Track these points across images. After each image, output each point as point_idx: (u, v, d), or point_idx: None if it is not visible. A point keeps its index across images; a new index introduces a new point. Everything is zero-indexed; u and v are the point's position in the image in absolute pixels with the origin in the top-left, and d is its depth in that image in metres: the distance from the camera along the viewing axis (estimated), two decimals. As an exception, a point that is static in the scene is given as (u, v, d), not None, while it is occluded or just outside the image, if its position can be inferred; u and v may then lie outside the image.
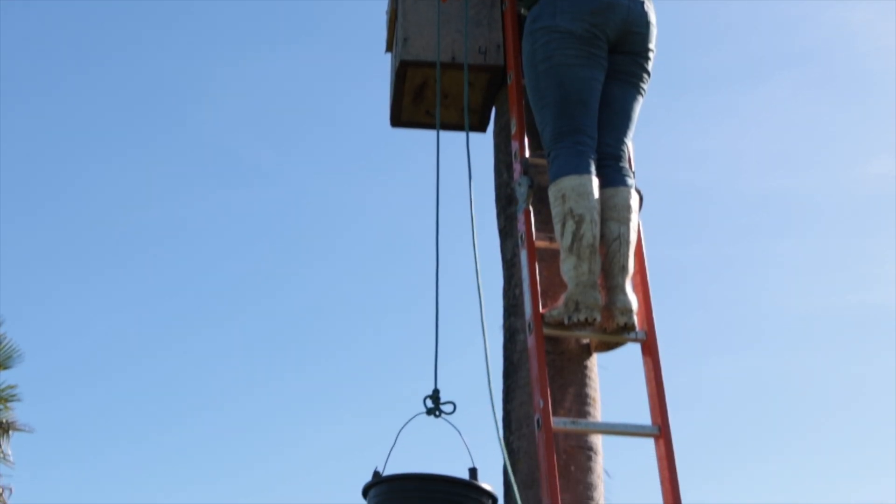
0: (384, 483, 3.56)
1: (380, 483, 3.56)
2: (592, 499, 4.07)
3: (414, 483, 3.52)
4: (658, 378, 4.16)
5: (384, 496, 3.54)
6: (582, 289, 4.08)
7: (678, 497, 3.98)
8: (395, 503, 3.52)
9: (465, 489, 3.53)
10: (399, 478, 3.55)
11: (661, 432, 4.08)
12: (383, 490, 3.55)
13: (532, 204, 4.33)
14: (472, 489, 3.54)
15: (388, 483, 3.55)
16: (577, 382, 4.23)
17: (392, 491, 3.54)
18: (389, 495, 3.53)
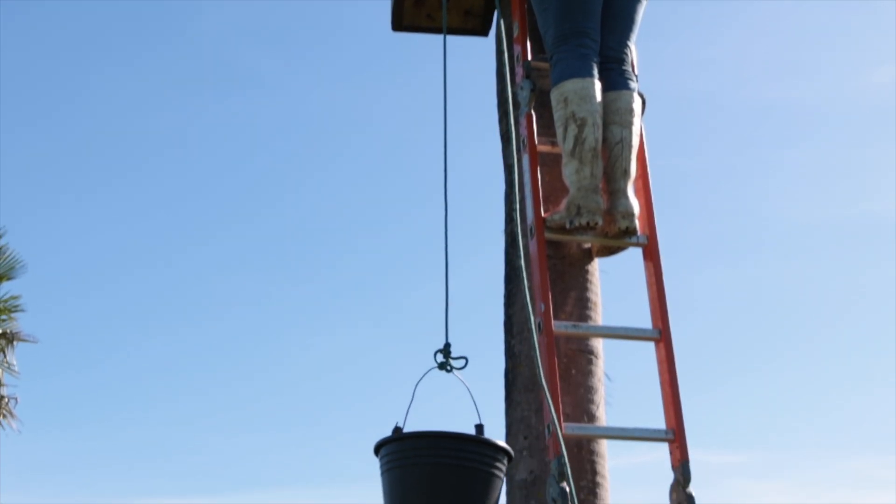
0: (395, 442, 3.45)
1: (391, 442, 3.46)
2: (593, 402, 4.10)
3: (426, 441, 3.39)
4: (659, 282, 4.17)
5: (396, 454, 3.43)
6: (584, 193, 4.07)
7: (678, 400, 4.01)
8: (407, 462, 3.40)
9: (478, 446, 3.41)
10: (411, 436, 3.43)
11: (661, 336, 4.10)
12: (395, 449, 3.44)
13: (534, 108, 4.31)
14: (487, 446, 3.42)
15: (399, 442, 3.44)
16: (579, 287, 4.24)
17: (404, 450, 3.42)
18: (402, 454, 3.42)
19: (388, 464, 3.40)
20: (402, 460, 3.37)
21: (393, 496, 3.37)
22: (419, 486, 3.32)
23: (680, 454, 3.91)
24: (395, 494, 3.36)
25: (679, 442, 3.93)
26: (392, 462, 3.39)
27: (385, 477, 3.41)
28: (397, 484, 3.37)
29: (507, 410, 4.16)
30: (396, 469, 3.38)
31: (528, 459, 3.99)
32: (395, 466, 3.38)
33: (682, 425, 3.96)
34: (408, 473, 3.35)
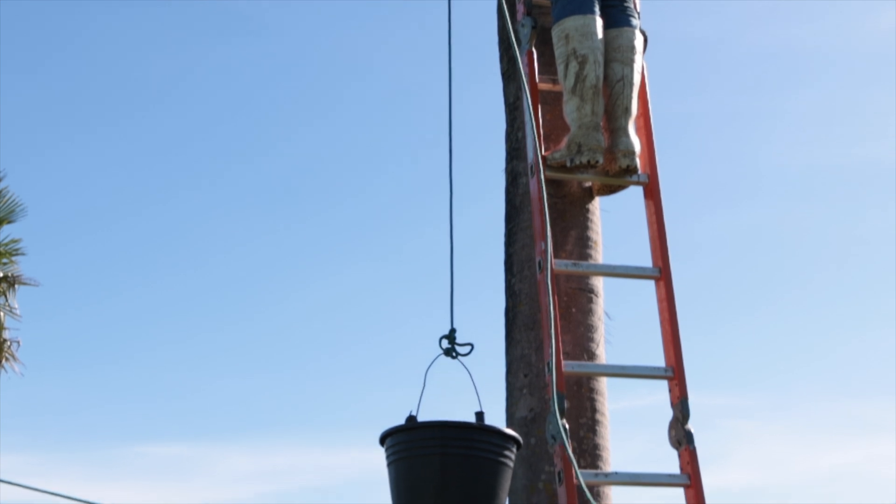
0: (402, 432, 3.33)
1: (398, 432, 3.33)
2: (593, 340, 4.11)
3: (434, 431, 3.28)
4: (660, 221, 4.17)
5: (403, 445, 3.32)
6: (584, 131, 4.05)
7: (677, 338, 4.02)
8: (415, 452, 3.29)
9: (487, 435, 3.30)
10: (418, 426, 3.31)
11: (661, 274, 4.11)
12: (402, 439, 3.32)
13: (535, 45, 4.27)
14: (496, 435, 3.32)
15: (406, 432, 3.32)
16: (579, 225, 4.23)
17: (411, 440, 3.30)
18: (409, 444, 3.31)
19: (395, 454, 3.32)
20: (409, 451, 3.29)
21: (400, 487, 3.29)
22: (427, 476, 3.23)
23: (679, 391, 3.93)
24: (402, 485, 3.28)
25: (678, 379, 3.94)
26: (399, 452, 3.31)
27: (392, 468, 3.33)
28: (404, 475, 3.28)
29: (507, 349, 4.17)
30: (403, 460, 3.29)
31: (527, 397, 4.00)
32: (403, 457, 3.29)
33: (681, 363, 3.97)
34: (415, 464, 3.26)
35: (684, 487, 3.85)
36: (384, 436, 3.33)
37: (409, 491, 3.25)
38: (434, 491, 3.19)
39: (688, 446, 3.85)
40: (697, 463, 3.84)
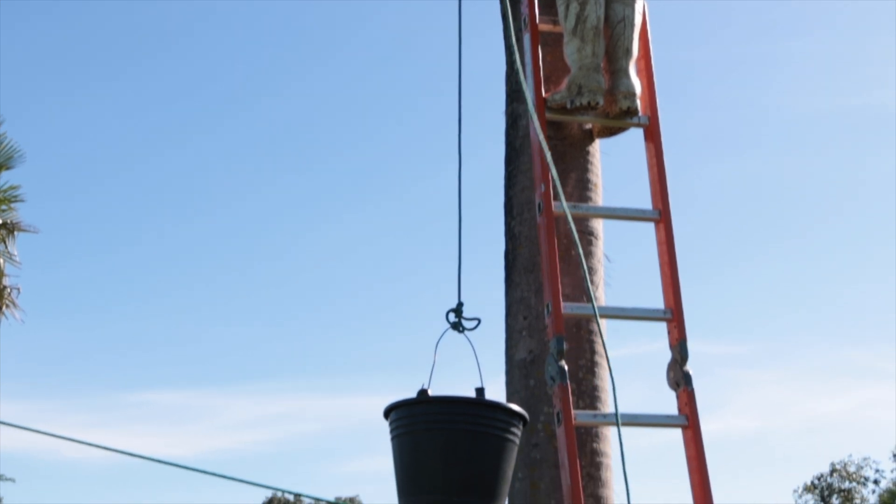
0: (407, 406, 3.27)
1: (402, 406, 3.28)
2: (592, 282, 4.11)
3: (440, 406, 3.23)
4: (660, 163, 4.16)
5: (408, 419, 3.27)
6: (585, 72, 4.03)
7: (676, 280, 4.02)
8: (420, 427, 3.24)
9: (493, 411, 3.25)
10: (424, 401, 3.25)
11: (661, 217, 4.10)
12: (407, 413, 3.27)
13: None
14: (502, 411, 3.26)
15: (411, 406, 3.26)
16: (579, 168, 4.22)
17: (415, 415, 3.25)
18: (413, 419, 3.25)
19: (400, 429, 3.27)
20: (413, 426, 3.24)
21: (404, 461, 3.25)
22: (432, 452, 3.18)
23: (678, 333, 3.94)
24: (406, 460, 3.24)
25: (677, 321, 3.95)
26: (404, 427, 3.27)
27: (396, 442, 3.29)
28: (409, 449, 3.24)
29: (506, 291, 4.18)
30: (408, 434, 3.25)
31: (527, 339, 4.02)
32: (407, 432, 3.25)
33: (680, 305, 3.98)
34: (420, 439, 3.22)
35: (682, 428, 3.86)
36: (388, 409, 3.30)
37: (413, 466, 3.22)
38: (439, 466, 3.16)
39: (686, 387, 3.87)
40: (695, 404, 3.86)
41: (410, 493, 3.23)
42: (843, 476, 53.64)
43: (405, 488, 3.25)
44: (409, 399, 3.25)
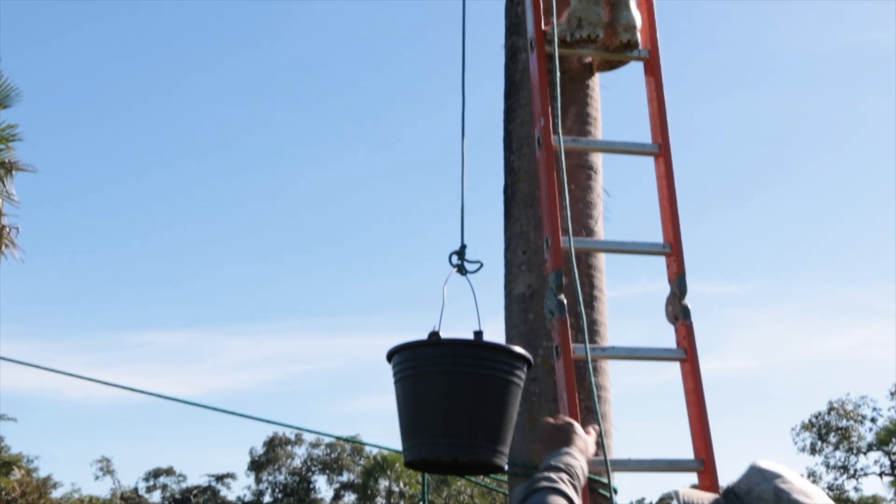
0: (411, 349, 3.25)
1: (406, 349, 3.26)
2: (592, 217, 4.11)
3: (444, 349, 3.19)
4: (660, 97, 4.14)
5: (411, 362, 3.24)
6: (585, 4, 4.00)
7: (676, 214, 4.02)
8: (422, 370, 3.21)
9: (497, 353, 3.23)
10: (427, 343, 3.22)
11: (661, 151, 4.09)
12: (410, 356, 3.25)
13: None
14: (506, 353, 3.24)
15: (414, 349, 3.24)
16: (579, 102, 4.20)
17: (417, 358, 3.23)
18: (415, 362, 3.23)
19: (403, 372, 3.25)
20: (418, 368, 3.22)
21: (407, 405, 3.24)
22: (436, 395, 3.16)
23: (676, 267, 3.94)
24: (409, 403, 3.23)
25: (676, 255, 3.95)
26: (407, 370, 3.25)
27: (399, 385, 3.27)
28: (412, 392, 3.23)
29: (506, 226, 4.17)
30: (411, 377, 3.23)
31: (526, 274, 4.02)
32: (410, 375, 3.23)
33: (679, 239, 3.97)
34: (423, 381, 3.20)
35: (680, 362, 3.88)
36: (392, 352, 3.28)
37: (416, 409, 3.21)
38: (443, 410, 3.14)
39: (684, 321, 3.88)
40: (694, 338, 3.87)
41: (414, 437, 3.22)
42: (841, 414, 54.01)
43: (409, 432, 3.24)
44: (413, 342, 3.24)
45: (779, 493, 2.27)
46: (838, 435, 53.98)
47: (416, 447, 3.22)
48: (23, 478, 39.41)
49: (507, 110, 4.28)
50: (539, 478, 2.70)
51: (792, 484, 2.29)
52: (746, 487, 2.32)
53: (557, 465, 2.75)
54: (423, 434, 3.20)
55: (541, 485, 2.67)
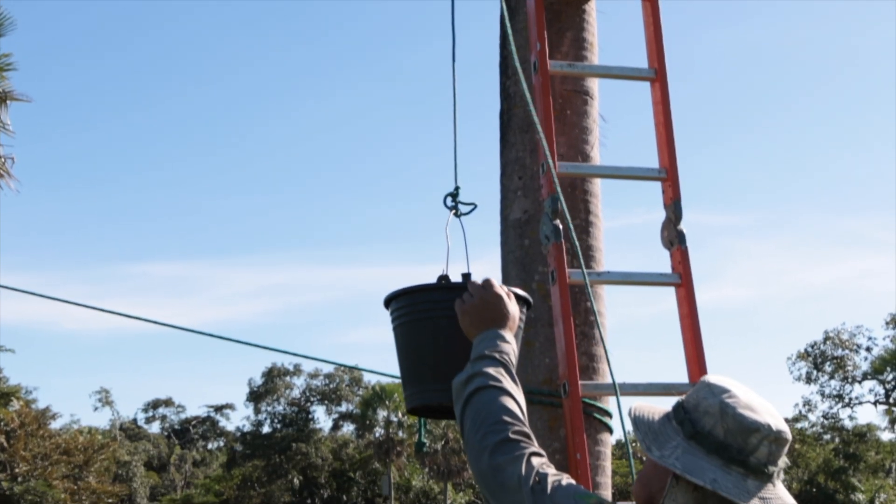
0: (406, 295, 3.21)
1: (401, 295, 3.22)
2: (587, 142, 4.11)
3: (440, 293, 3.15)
4: (656, 21, 4.12)
5: (407, 308, 3.21)
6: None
7: (672, 140, 4.02)
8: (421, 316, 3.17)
9: None
10: (424, 288, 3.18)
11: (657, 76, 4.08)
12: (406, 303, 3.22)
13: None
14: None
15: (409, 295, 3.20)
16: (575, 27, 4.18)
17: (415, 304, 3.19)
18: (412, 308, 3.19)
19: (402, 318, 3.23)
20: (415, 314, 3.19)
21: (408, 351, 3.22)
22: (434, 340, 3.13)
23: (672, 192, 3.94)
24: (409, 350, 3.22)
25: (671, 181, 3.96)
26: (406, 315, 3.22)
27: (398, 331, 3.26)
28: (411, 339, 3.21)
29: (501, 152, 4.17)
30: (409, 323, 3.21)
31: (522, 199, 4.02)
32: (410, 321, 3.20)
33: (674, 164, 3.98)
34: (423, 327, 3.17)
35: (675, 287, 3.90)
36: (389, 298, 3.26)
37: (412, 356, 3.20)
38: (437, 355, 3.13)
39: (680, 246, 3.89)
40: (689, 263, 3.89)
41: (414, 384, 3.21)
42: (836, 344, 54.32)
43: (407, 380, 3.23)
44: (410, 287, 3.21)
45: (724, 407, 2.30)
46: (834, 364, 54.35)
47: (416, 395, 3.21)
48: (21, 409, 39.70)
49: (503, 35, 4.25)
50: (480, 372, 2.68)
51: (738, 399, 2.32)
52: (695, 401, 2.36)
53: (494, 356, 2.73)
54: (421, 381, 3.19)
55: (487, 383, 2.64)
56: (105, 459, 45.45)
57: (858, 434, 57.76)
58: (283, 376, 72.24)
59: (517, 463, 2.47)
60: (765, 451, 2.27)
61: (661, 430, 2.37)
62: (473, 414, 2.59)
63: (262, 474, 68.37)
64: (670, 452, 2.30)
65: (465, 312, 2.88)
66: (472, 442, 2.54)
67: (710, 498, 2.26)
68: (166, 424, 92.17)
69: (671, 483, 2.29)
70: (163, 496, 73.75)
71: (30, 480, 38.00)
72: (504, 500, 2.46)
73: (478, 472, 2.53)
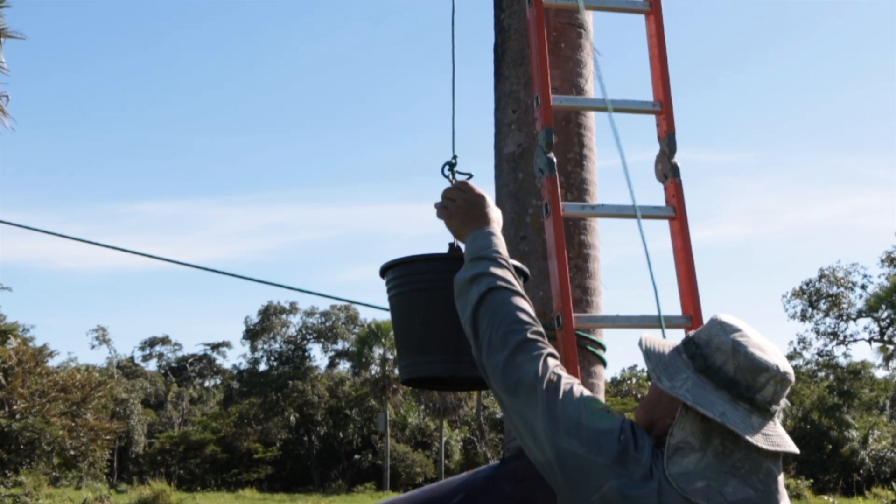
0: (401, 266, 3.19)
1: (396, 265, 3.20)
2: (581, 76, 4.10)
3: (435, 264, 3.14)
4: (651, -47, 4.08)
5: (402, 279, 3.18)
6: None
7: (666, 72, 4.00)
8: (417, 287, 3.15)
9: None
10: (419, 259, 3.16)
11: (652, 8, 4.04)
12: (400, 273, 3.19)
13: None
14: None
15: (405, 265, 3.19)
16: (570, -41, 4.14)
17: (410, 274, 3.17)
18: (407, 278, 3.17)
19: (397, 288, 3.21)
20: (412, 284, 3.17)
21: (399, 323, 3.20)
22: (431, 311, 3.11)
23: (666, 125, 3.94)
24: (400, 321, 3.19)
25: (666, 114, 3.95)
26: (395, 287, 3.20)
27: (391, 302, 3.24)
28: (402, 310, 3.18)
29: (496, 85, 4.16)
30: (399, 295, 3.19)
31: (516, 133, 4.02)
32: (399, 292, 3.19)
33: (669, 97, 3.96)
34: (411, 299, 3.16)
35: (669, 220, 3.90)
36: (385, 268, 3.25)
37: (406, 327, 3.18)
38: (429, 327, 3.11)
39: (674, 179, 3.89)
40: (682, 196, 3.89)
41: (410, 354, 3.20)
42: (832, 281, 54.53)
43: (405, 349, 3.21)
44: (404, 258, 3.20)
45: (736, 345, 2.38)
46: (829, 302, 54.58)
47: (409, 367, 3.19)
48: (19, 346, 39.86)
49: (497, -32, 4.22)
50: (487, 272, 2.73)
51: (750, 338, 2.40)
52: (707, 337, 2.44)
53: (496, 259, 2.79)
54: (414, 353, 3.17)
55: (497, 283, 2.71)
56: (102, 397, 45.75)
57: (853, 371, 58.21)
58: (280, 314, 72.54)
59: (535, 361, 2.55)
60: (770, 391, 2.36)
61: (671, 362, 2.45)
62: (491, 313, 2.64)
63: (258, 412, 68.91)
64: (681, 384, 2.38)
65: (451, 216, 2.92)
66: (493, 340, 2.60)
67: (716, 430, 2.33)
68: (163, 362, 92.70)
69: (680, 413, 2.36)
70: (160, 433, 74.34)
71: (28, 417, 38.26)
72: (518, 395, 2.52)
73: (493, 370, 2.59)
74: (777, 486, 2.37)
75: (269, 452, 67.78)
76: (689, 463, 2.33)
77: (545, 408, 2.47)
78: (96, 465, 46.80)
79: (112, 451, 53.49)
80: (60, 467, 42.50)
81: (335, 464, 66.56)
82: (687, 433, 2.35)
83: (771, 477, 2.36)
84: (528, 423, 2.48)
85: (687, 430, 2.35)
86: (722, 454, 2.33)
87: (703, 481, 2.31)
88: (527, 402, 2.50)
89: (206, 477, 67.03)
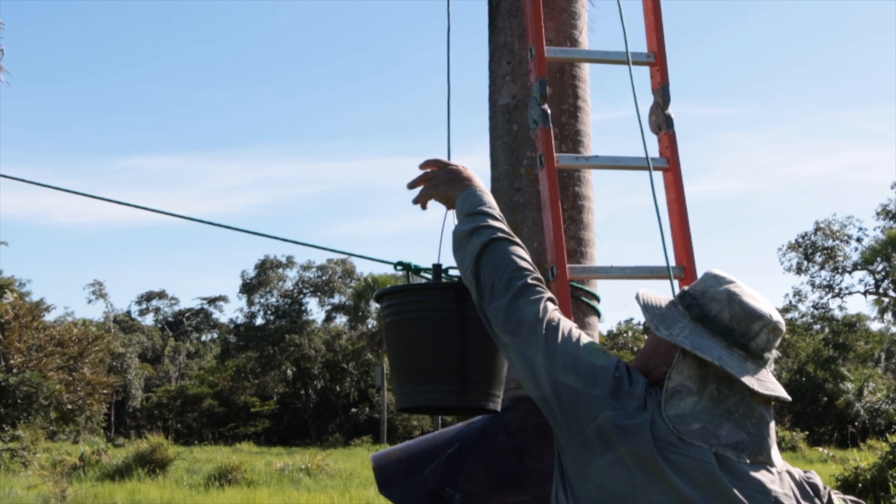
0: (398, 294, 3.14)
1: (392, 294, 3.15)
2: (576, 27, 4.09)
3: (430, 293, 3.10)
4: None
5: (396, 307, 3.13)
6: None
7: (660, 24, 4.01)
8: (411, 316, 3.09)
9: None
10: (415, 288, 3.11)
11: (646, -41, 4.05)
12: (395, 301, 3.15)
13: None
14: None
15: (400, 294, 3.14)
16: None
17: (405, 303, 3.12)
18: (402, 307, 3.12)
19: (390, 316, 3.16)
20: (404, 313, 3.12)
21: (396, 350, 3.15)
22: (425, 339, 3.06)
23: (660, 77, 3.94)
24: (398, 349, 3.13)
25: (660, 65, 3.95)
26: (393, 314, 3.15)
27: (387, 329, 3.19)
28: (400, 338, 3.13)
29: (490, 37, 4.16)
30: (397, 322, 3.14)
31: (510, 84, 4.02)
32: (398, 319, 3.13)
33: (663, 49, 3.97)
34: (412, 327, 3.09)
35: (663, 171, 3.91)
36: (377, 296, 3.21)
37: (404, 355, 3.12)
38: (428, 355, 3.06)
39: (668, 130, 3.90)
40: (676, 147, 3.90)
41: (406, 383, 3.14)
42: (827, 234, 54.56)
43: (401, 377, 3.16)
44: (399, 286, 3.15)
45: (731, 295, 2.50)
46: (824, 255, 54.65)
47: (406, 396, 3.13)
48: (15, 301, 39.89)
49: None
50: (486, 225, 2.79)
51: (743, 289, 2.52)
52: (702, 289, 2.55)
53: (491, 213, 2.85)
54: (411, 382, 3.11)
55: (497, 234, 2.78)
56: (99, 351, 45.89)
57: (848, 324, 58.39)
58: (276, 268, 72.57)
59: (536, 304, 2.62)
60: (763, 338, 2.47)
61: (667, 313, 2.56)
62: (493, 262, 2.71)
63: (255, 365, 69.12)
64: (678, 332, 2.48)
65: (436, 186, 2.98)
66: (496, 287, 2.67)
67: (712, 374, 2.43)
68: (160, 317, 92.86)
69: (678, 358, 2.46)
70: (157, 387, 74.60)
71: (25, 371, 38.37)
72: (519, 334, 2.60)
73: (495, 314, 2.66)
74: (769, 431, 2.46)
75: (266, 406, 68.06)
76: (686, 406, 2.41)
77: (545, 345, 2.55)
78: (93, 420, 47.01)
79: (109, 405, 53.72)
80: (58, 421, 42.68)
81: (332, 417, 66.88)
82: (684, 377, 2.44)
83: (763, 422, 2.45)
84: (529, 360, 2.56)
85: (684, 375, 2.44)
86: (717, 399, 2.42)
87: (699, 423, 2.40)
88: (528, 340, 2.58)
89: (204, 431, 67.34)
